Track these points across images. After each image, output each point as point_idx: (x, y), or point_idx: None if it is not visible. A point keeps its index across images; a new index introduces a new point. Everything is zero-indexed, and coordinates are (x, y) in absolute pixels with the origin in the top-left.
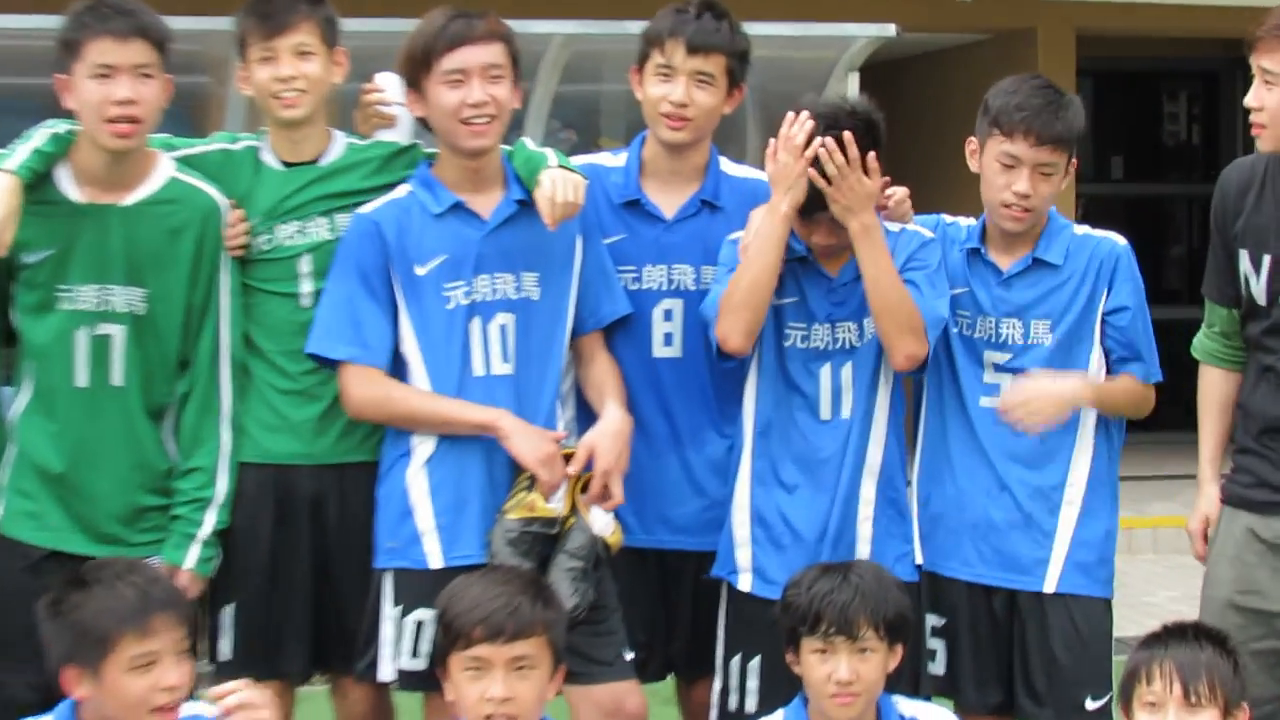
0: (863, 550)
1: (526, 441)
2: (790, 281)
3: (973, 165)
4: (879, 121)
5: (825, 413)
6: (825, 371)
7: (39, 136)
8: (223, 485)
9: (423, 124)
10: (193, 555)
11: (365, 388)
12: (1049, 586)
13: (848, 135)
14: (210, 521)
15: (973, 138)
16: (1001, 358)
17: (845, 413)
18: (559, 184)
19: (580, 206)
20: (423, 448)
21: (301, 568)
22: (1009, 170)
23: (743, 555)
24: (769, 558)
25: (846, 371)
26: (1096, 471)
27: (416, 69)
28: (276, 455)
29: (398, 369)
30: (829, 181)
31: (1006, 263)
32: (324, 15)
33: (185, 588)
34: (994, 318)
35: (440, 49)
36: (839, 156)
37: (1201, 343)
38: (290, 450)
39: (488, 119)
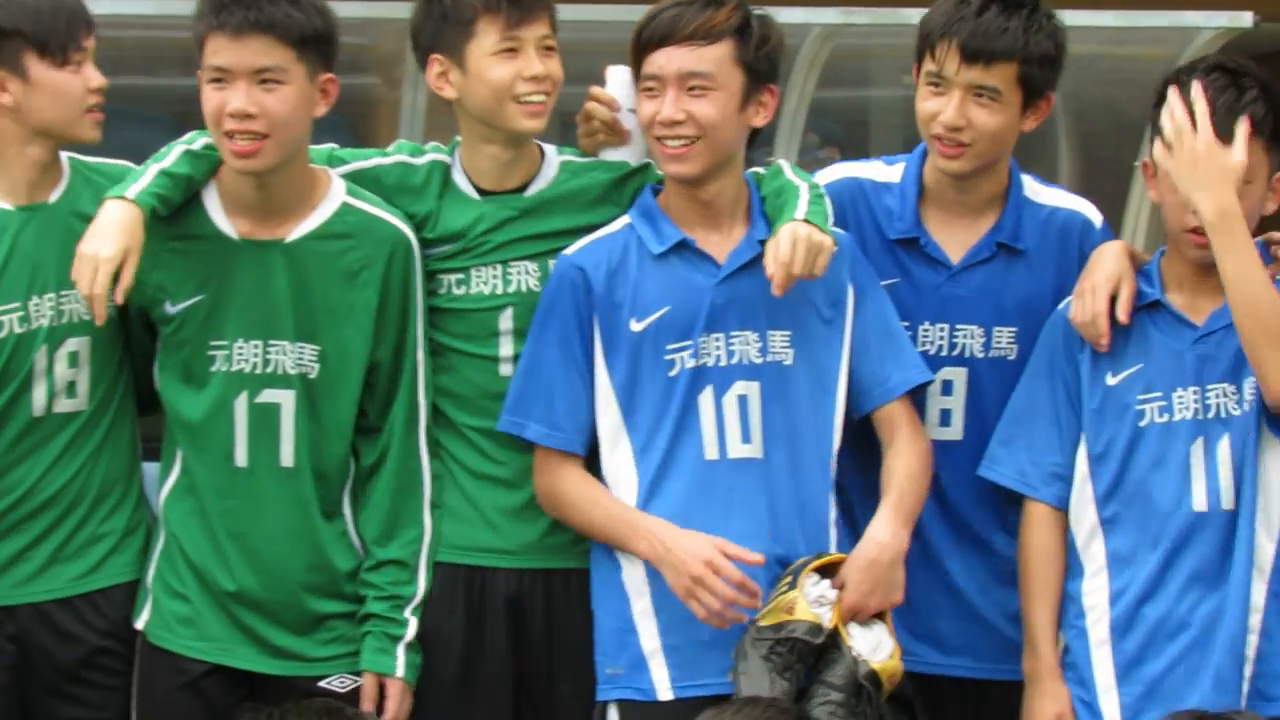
0: (1246, 670)
1: (671, 571)
2: (1137, 342)
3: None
4: (1267, 83)
5: (1200, 503)
6: (1198, 448)
7: (171, 155)
8: (423, 583)
9: None
10: (401, 661)
11: (545, 478)
12: None
13: (1196, 87)
14: (413, 624)
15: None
16: None
17: (1227, 503)
18: (800, 249)
19: (818, 278)
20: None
21: (499, 688)
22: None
23: (1109, 704)
24: (1143, 705)
25: (1224, 447)
26: None
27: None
28: (467, 552)
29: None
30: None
31: None
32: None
33: (397, 702)
34: None
35: (643, 45)
36: (1179, 111)
37: None
38: (484, 546)
39: (685, 141)
